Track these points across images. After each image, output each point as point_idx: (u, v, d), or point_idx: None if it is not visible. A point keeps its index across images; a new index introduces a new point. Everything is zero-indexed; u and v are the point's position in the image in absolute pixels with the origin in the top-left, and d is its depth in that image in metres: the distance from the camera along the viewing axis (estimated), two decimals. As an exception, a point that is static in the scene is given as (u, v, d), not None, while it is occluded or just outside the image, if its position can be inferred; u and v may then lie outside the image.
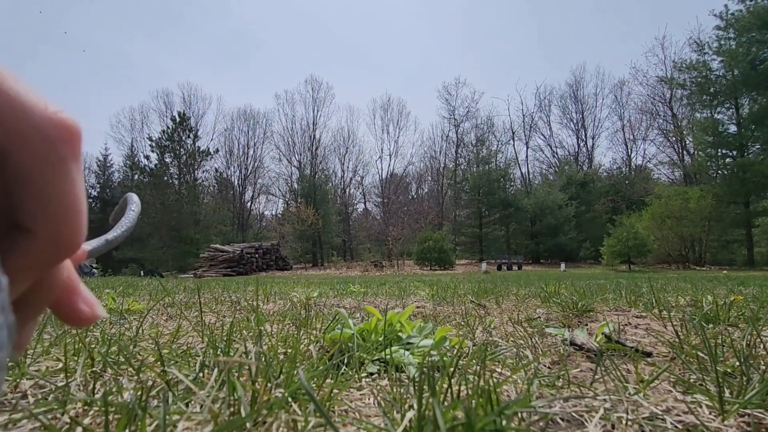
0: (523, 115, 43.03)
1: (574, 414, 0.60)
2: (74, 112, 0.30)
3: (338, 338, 1.01)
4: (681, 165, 33.83)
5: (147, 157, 37.39)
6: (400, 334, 1.07)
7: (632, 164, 39.20)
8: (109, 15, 62.94)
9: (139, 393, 0.62)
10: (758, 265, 22.14)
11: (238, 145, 42.85)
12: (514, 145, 41.95)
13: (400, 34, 76.44)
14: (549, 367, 0.94)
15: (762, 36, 24.01)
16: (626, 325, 1.51)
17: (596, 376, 0.78)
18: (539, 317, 1.76)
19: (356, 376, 0.82)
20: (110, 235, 0.65)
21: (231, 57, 72.09)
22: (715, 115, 27.52)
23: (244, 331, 1.25)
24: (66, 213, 0.23)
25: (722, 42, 26.45)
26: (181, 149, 37.53)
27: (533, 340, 1.20)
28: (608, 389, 0.70)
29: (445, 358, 0.87)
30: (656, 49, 56.81)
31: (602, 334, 1.15)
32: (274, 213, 44.39)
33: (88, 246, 0.55)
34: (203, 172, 39.24)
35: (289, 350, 1.00)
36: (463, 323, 1.55)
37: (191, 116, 39.79)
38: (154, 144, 37.05)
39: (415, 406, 0.50)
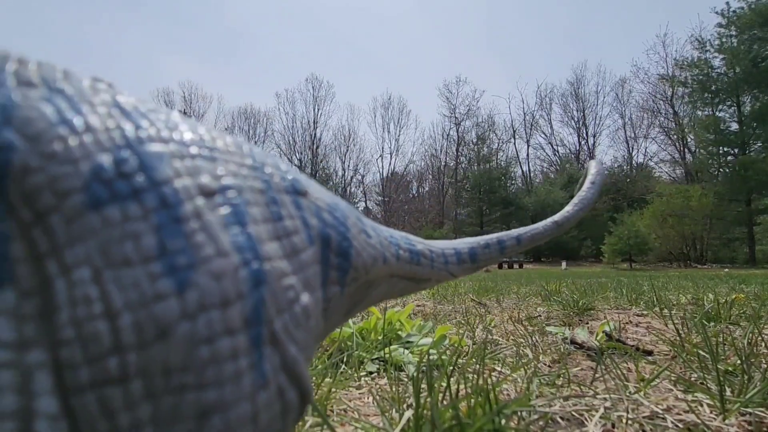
0: (524, 114, 42.97)
1: (574, 413, 0.59)
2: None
3: (337, 337, 1.00)
4: (682, 163, 33.75)
5: (148, 156, 37.50)
6: (399, 332, 1.07)
7: (633, 162, 39.10)
8: (109, 12, 62.96)
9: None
10: (760, 263, 22.08)
11: (239, 145, 42.73)
12: (515, 143, 41.95)
13: (401, 32, 76.38)
14: (549, 366, 0.93)
15: (764, 33, 23.92)
16: (627, 323, 1.50)
17: (597, 375, 0.78)
18: (540, 316, 1.76)
19: (355, 375, 0.82)
20: (558, 217, 0.54)
21: (232, 56, 72.09)
22: (717, 113, 27.46)
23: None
24: None
25: (724, 39, 26.37)
26: (182, 148, 37.49)
27: (533, 338, 1.20)
28: (609, 388, 0.69)
29: (443, 357, 0.86)
30: (657, 46, 56.25)
31: (603, 332, 1.15)
32: (274, 212, 44.29)
33: (519, 232, 0.46)
34: (204, 171, 39.27)
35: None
36: (463, 322, 1.55)
37: (192, 115, 39.82)
38: (155, 143, 37.05)
39: (413, 405, 0.50)
